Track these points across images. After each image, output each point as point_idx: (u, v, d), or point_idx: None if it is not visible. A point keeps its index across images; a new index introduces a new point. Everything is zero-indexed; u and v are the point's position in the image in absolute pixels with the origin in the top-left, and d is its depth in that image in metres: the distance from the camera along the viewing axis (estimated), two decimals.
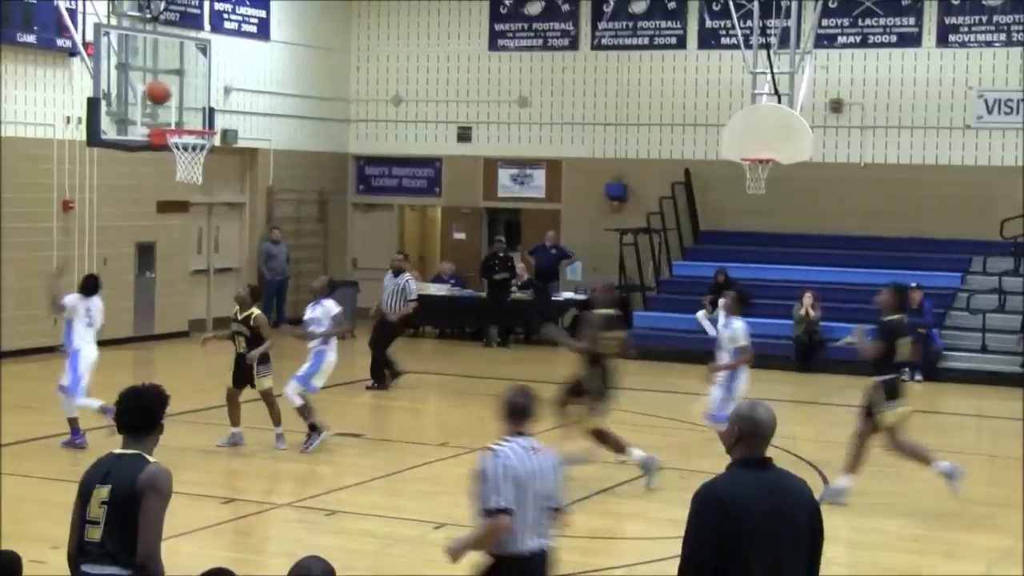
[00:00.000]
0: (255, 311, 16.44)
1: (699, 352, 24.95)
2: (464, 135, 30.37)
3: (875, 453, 16.53)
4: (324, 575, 6.21)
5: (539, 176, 29.88)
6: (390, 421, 19.70)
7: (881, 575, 12.21)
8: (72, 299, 16.32)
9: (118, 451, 7.05)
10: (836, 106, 27.25)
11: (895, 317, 14.87)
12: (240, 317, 16.46)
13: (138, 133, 20.08)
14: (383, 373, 21.57)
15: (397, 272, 21.83)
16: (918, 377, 23.46)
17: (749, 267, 26.36)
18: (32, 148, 23.78)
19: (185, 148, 19.94)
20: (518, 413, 8.02)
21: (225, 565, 6.86)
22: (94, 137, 19.85)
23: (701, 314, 25.54)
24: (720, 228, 27.98)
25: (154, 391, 7.18)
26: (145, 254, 26.21)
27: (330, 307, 16.92)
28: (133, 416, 7.09)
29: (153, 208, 26.14)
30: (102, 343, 16.39)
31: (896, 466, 16.62)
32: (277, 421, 16.54)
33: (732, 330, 15.58)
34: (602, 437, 14.93)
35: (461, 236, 30.69)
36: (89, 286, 16.53)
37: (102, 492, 6.88)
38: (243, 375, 16.43)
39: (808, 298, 24.47)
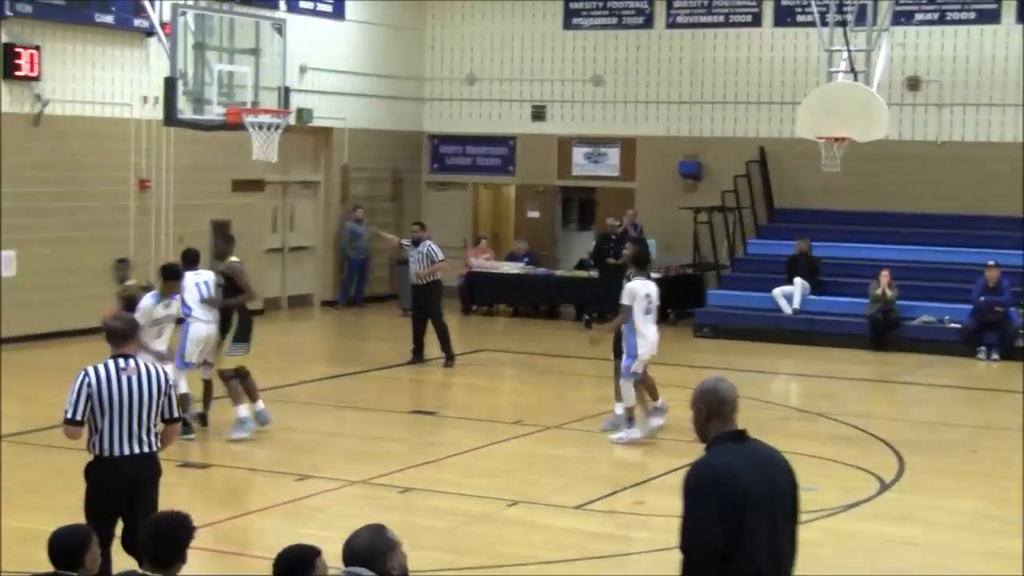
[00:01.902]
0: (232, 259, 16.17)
1: (774, 330, 24.98)
2: (538, 114, 30.35)
3: (962, 434, 16.40)
4: (380, 545, 6.10)
5: (613, 154, 29.81)
6: (463, 399, 19.73)
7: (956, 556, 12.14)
8: None
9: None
10: (913, 83, 26.98)
11: None
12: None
13: (214, 112, 20.17)
14: (450, 346, 21.47)
15: (417, 242, 21.68)
16: (995, 356, 23.26)
17: (824, 245, 26.14)
18: (110, 128, 23.99)
19: (261, 127, 20.04)
20: (114, 336, 9.09)
21: (303, 542, 6.90)
22: (171, 117, 19.97)
23: (778, 291, 25.42)
24: (795, 206, 27.78)
25: (181, 520, 6.79)
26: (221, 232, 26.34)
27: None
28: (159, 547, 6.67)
29: (228, 187, 26.28)
30: (181, 322, 16.36)
31: (970, 445, 16.52)
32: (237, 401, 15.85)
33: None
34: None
35: (535, 214, 30.66)
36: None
37: None
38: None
39: (884, 276, 24.27)
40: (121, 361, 8.97)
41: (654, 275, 27.29)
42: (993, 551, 12.05)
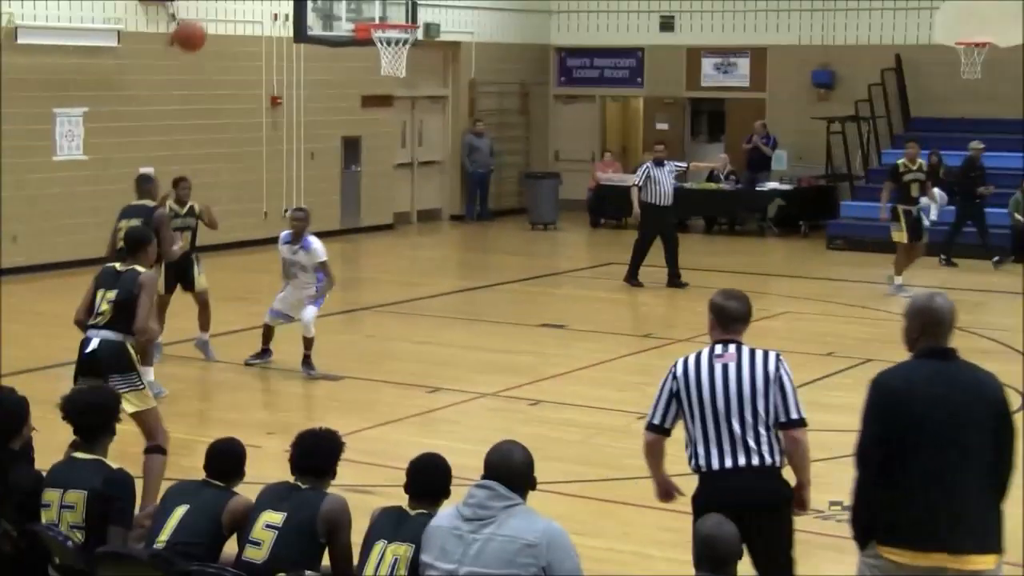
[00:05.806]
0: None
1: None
2: (666, 24, 29.99)
3: None
4: (524, 463, 6.33)
5: (743, 65, 29.38)
6: (593, 312, 19.65)
7: None
8: None
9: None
10: None
11: None
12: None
13: (343, 28, 20.23)
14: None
15: (660, 162, 20.76)
16: None
17: (962, 154, 25.57)
18: (241, 45, 24.09)
19: (389, 42, 20.05)
20: None
21: (433, 451, 6.94)
22: (301, 33, 20.08)
23: (923, 200, 24.85)
24: (932, 115, 27.21)
25: (331, 436, 7.13)
26: (351, 148, 26.49)
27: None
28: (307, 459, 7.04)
29: (358, 103, 26.36)
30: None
31: None
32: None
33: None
34: None
35: (664, 127, 30.38)
36: None
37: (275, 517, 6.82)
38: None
39: None
40: None
41: (785, 186, 27.21)
42: None
